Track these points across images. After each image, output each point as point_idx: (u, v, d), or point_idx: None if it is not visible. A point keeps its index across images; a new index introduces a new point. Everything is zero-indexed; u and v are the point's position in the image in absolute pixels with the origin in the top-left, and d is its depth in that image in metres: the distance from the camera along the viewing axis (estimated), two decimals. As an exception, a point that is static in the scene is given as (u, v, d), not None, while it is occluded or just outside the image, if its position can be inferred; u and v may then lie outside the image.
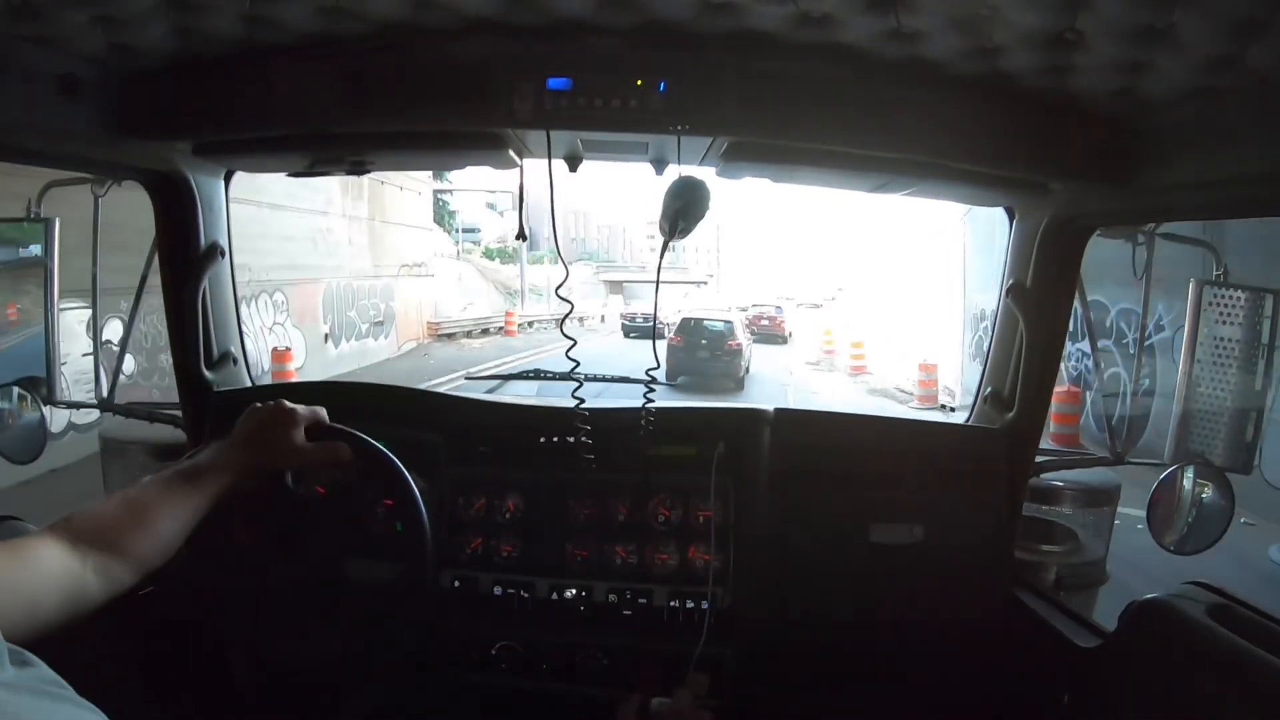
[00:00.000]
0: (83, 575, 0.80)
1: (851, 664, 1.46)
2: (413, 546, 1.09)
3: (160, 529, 0.89)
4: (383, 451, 1.10)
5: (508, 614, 1.38)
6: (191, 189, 1.47)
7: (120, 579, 0.85)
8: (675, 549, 1.40)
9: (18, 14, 0.94)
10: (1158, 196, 1.18)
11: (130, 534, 0.86)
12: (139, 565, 0.87)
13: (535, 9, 1.04)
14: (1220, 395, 1.23)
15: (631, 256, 60.74)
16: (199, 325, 1.55)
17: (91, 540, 0.83)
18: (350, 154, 1.31)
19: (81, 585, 0.80)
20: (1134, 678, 1.15)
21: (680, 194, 1.15)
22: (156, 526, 0.89)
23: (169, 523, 0.90)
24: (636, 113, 1.13)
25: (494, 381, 3.82)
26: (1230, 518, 1.28)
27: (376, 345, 14.90)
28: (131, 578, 0.87)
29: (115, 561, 0.84)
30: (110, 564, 0.83)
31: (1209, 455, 1.25)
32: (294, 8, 1.03)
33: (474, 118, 1.19)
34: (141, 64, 1.14)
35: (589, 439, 1.38)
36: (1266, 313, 1.21)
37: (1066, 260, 1.40)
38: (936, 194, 1.50)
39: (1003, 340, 1.52)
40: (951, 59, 1.06)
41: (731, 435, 1.41)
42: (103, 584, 0.82)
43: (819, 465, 1.45)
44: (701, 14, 1.02)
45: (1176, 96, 1.01)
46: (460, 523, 1.43)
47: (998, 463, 1.48)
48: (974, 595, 1.45)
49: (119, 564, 0.84)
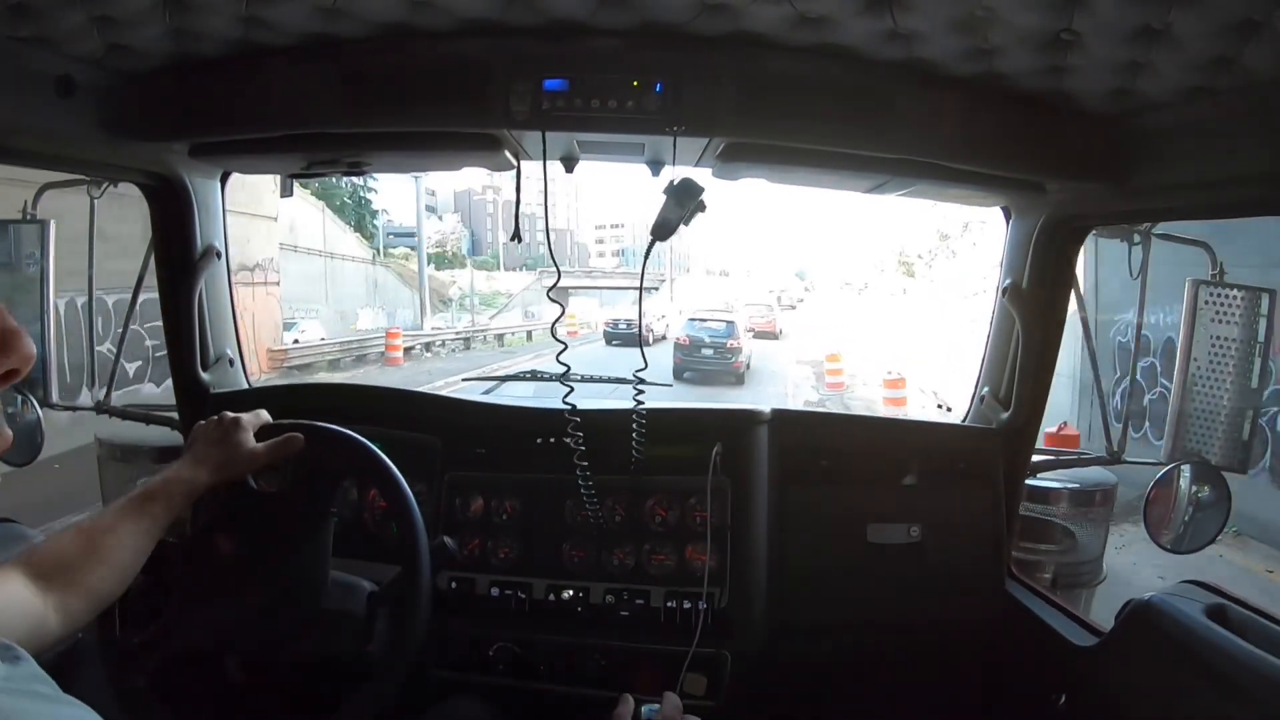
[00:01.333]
0: (44, 613, 0.80)
1: (849, 663, 1.46)
2: (408, 542, 1.09)
3: (117, 559, 0.89)
4: (340, 431, 1.11)
5: (505, 615, 1.38)
6: (188, 191, 1.47)
7: (78, 616, 0.85)
8: (672, 550, 1.40)
9: (14, 15, 0.94)
10: (1153, 196, 1.18)
11: (88, 570, 0.86)
12: (97, 601, 0.87)
13: (531, 10, 1.04)
14: (1217, 394, 1.24)
15: (580, 261, 59.00)
16: (195, 327, 1.54)
17: (51, 577, 0.82)
18: (346, 155, 1.30)
19: (43, 623, 0.80)
20: (1130, 677, 1.15)
21: (677, 195, 1.15)
22: (114, 557, 0.89)
23: (125, 553, 0.90)
24: (633, 114, 1.13)
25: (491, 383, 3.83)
26: (1227, 517, 1.29)
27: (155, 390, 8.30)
28: (89, 614, 0.87)
29: (74, 598, 0.84)
30: (69, 600, 0.83)
31: (1206, 454, 1.25)
32: (290, 9, 1.03)
33: (470, 119, 1.18)
34: (137, 65, 1.14)
35: (585, 441, 1.39)
36: (1263, 311, 1.21)
37: (1063, 260, 1.40)
38: (933, 194, 1.50)
39: (998, 340, 1.53)
40: (948, 59, 1.06)
41: (729, 436, 1.41)
42: (62, 621, 0.82)
43: (816, 465, 1.45)
44: (698, 15, 1.03)
45: (1172, 97, 1.01)
46: (458, 524, 1.43)
47: (994, 462, 1.48)
48: (971, 595, 1.45)
49: (78, 600, 0.84)
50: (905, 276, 21.11)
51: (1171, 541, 1.33)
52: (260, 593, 1.06)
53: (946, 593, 1.44)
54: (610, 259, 63.15)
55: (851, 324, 15.60)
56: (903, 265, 21.53)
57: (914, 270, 20.53)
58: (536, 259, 50.72)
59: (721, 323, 14.13)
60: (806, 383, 13.53)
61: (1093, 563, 1.82)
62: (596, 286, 41.12)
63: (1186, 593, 1.12)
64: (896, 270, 22.64)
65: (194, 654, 1.05)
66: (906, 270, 21.08)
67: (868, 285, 37.42)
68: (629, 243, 69.17)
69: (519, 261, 48.18)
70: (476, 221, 55.47)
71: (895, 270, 22.75)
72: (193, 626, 1.03)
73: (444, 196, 53.32)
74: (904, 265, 21.45)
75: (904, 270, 21.41)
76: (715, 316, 14.65)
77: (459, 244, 50.52)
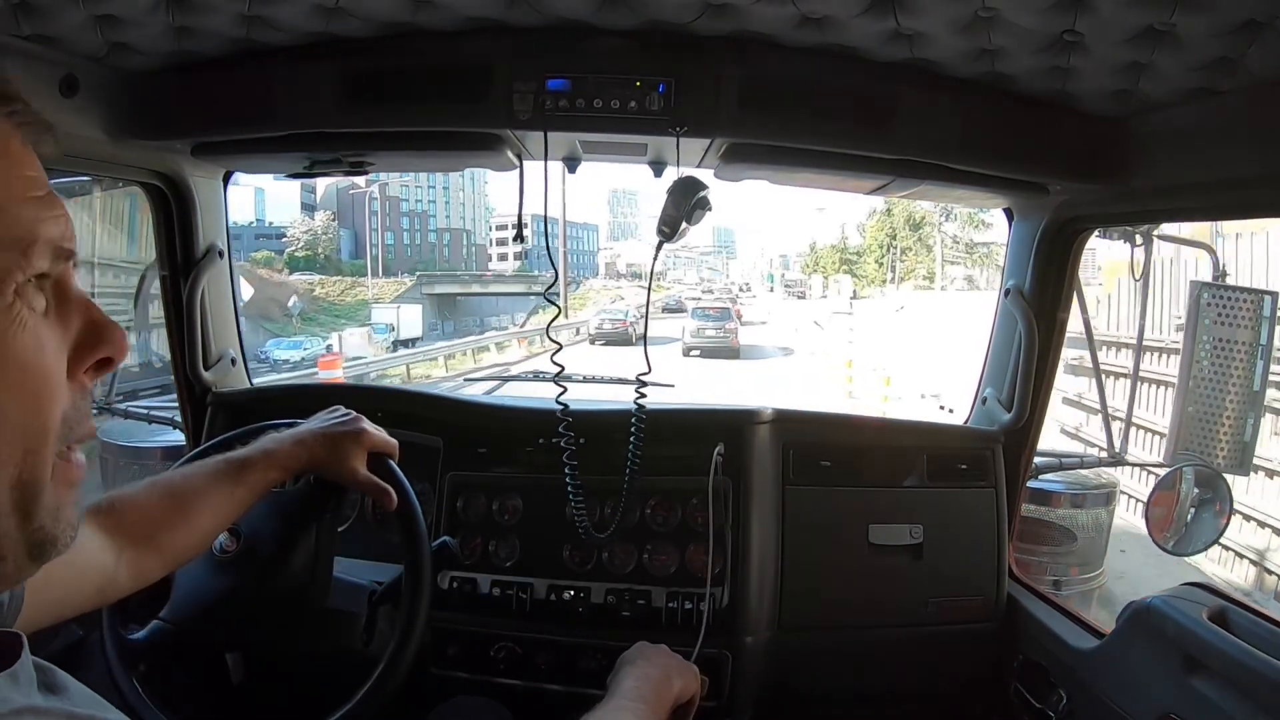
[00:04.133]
0: (115, 570, 0.79)
1: (849, 664, 1.46)
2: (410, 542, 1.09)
3: (201, 523, 0.87)
4: (415, 508, 1.07)
5: (506, 615, 1.38)
6: (190, 190, 1.47)
7: (152, 573, 0.84)
8: (674, 550, 1.40)
9: (17, 14, 0.94)
10: (1157, 198, 1.18)
11: (171, 529, 0.85)
12: (173, 560, 0.86)
13: (534, 9, 1.04)
14: (1219, 396, 1.24)
15: (479, 264, 54.64)
16: (197, 326, 1.54)
17: (130, 532, 0.81)
18: (349, 155, 1.31)
19: (115, 578, 0.79)
20: (1131, 679, 1.15)
21: (679, 194, 1.15)
22: (198, 520, 0.87)
23: (210, 517, 0.88)
24: (636, 114, 1.13)
25: (492, 383, 3.84)
26: (1229, 519, 1.28)
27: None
28: (162, 572, 0.85)
29: (151, 558, 0.83)
30: (145, 559, 0.82)
31: (1208, 456, 1.25)
32: (292, 8, 1.03)
33: (473, 118, 1.18)
34: (140, 64, 1.14)
35: (587, 442, 1.38)
36: (1265, 313, 1.21)
37: (1065, 261, 1.40)
38: (935, 195, 1.50)
39: (1001, 342, 1.52)
40: (951, 60, 1.06)
41: (730, 436, 1.41)
42: (134, 577, 0.81)
43: (817, 466, 1.45)
44: (701, 15, 1.03)
45: (1175, 98, 1.01)
46: (459, 524, 1.43)
47: (996, 464, 1.48)
48: (972, 596, 1.45)
49: (154, 560, 0.83)
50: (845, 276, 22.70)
51: (1173, 543, 1.33)
52: (261, 592, 1.06)
53: (947, 594, 1.44)
54: (512, 261, 56.63)
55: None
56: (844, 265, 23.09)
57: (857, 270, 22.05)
58: (428, 262, 47.72)
59: (722, 309, 19.18)
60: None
61: (1094, 564, 1.82)
62: (486, 294, 39.00)
63: (1187, 595, 1.12)
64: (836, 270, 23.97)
65: (195, 653, 1.05)
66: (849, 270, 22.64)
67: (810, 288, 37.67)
68: (532, 243, 63.30)
69: (410, 264, 43.93)
70: (358, 221, 48.37)
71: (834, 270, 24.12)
72: (194, 626, 1.03)
73: (325, 194, 47.19)
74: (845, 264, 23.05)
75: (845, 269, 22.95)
76: (718, 304, 20.00)
77: (331, 245, 44.59)
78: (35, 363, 0.45)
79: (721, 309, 19.02)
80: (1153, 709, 1.06)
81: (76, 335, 0.48)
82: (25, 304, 0.45)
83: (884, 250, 46.99)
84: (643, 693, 0.91)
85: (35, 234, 0.45)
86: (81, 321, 0.49)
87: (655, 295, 16.46)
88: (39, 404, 0.45)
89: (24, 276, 0.44)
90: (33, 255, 0.45)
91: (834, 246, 53.92)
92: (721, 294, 38.12)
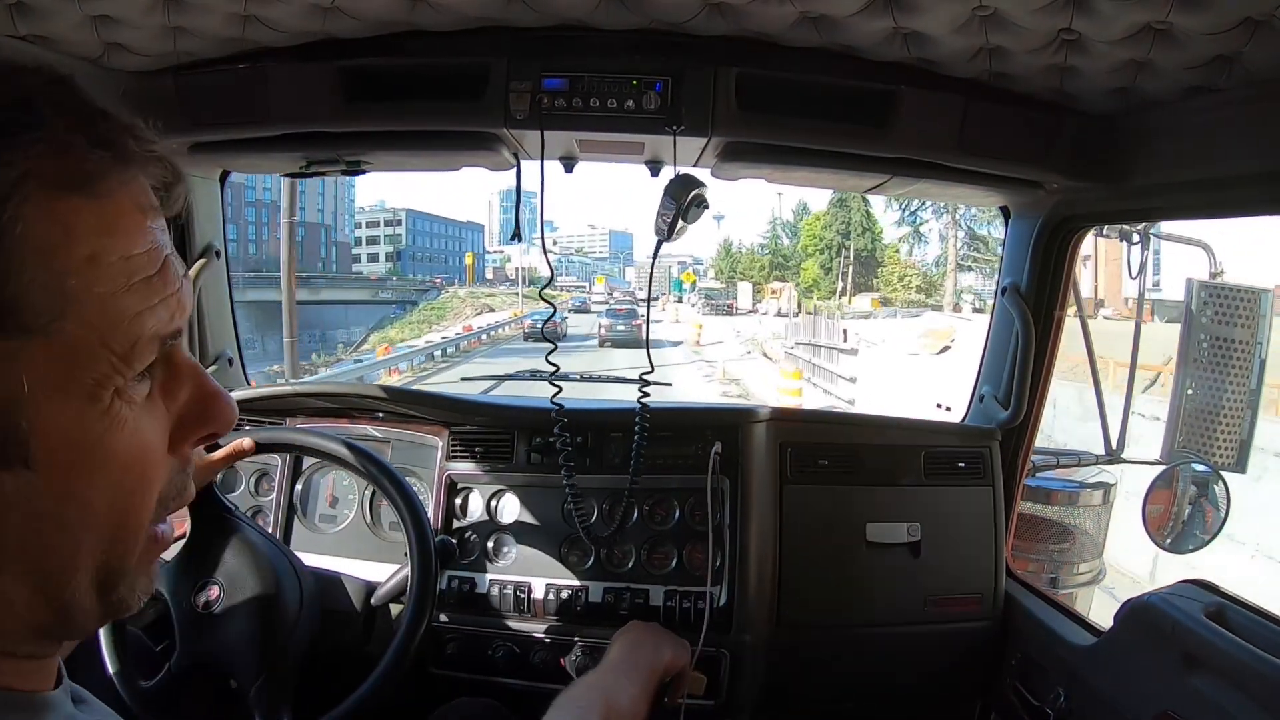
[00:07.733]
0: None
1: (848, 662, 1.47)
2: (411, 541, 1.11)
3: None
4: (418, 508, 1.15)
5: (505, 614, 1.38)
6: (186, 190, 1.46)
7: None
8: (672, 548, 1.40)
9: (13, 14, 0.94)
10: (1153, 196, 1.18)
11: None
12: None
13: (531, 9, 1.04)
14: (1215, 393, 1.24)
15: (341, 265, 49.77)
16: (195, 326, 1.54)
17: None
18: (345, 154, 1.30)
19: None
20: (1130, 676, 1.15)
21: (675, 192, 1.15)
22: None
23: None
24: (632, 113, 1.13)
25: (490, 381, 3.84)
26: (1226, 516, 1.29)
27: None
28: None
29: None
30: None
31: (1205, 453, 1.25)
32: (289, 8, 1.02)
33: (469, 117, 1.18)
34: (136, 65, 1.14)
35: (583, 440, 1.38)
36: (1262, 311, 1.22)
37: (1062, 259, 1.40)
38: (933, 194, 1.50)
39: (998, 340, 1.53)
40: (948, 59, 1.06)
41: (728, 435, 1.41)
42: None
43: (815, 464, 1.45)
44: (698, 14, 1.02)
45: (1172, 96, 1.01)
46: (457, 523, 1.44)
47: (994, 462, 1.48)
48: (970, 594, 1.45)
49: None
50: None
51: (1170, 541, 1.33)
52: (261, 590, 1.06)
53: (945, 591, 1.44)
54: (383, 263, 52.38)
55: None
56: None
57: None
58: (267, 261, 40.94)
59: (629, 309, 25.71)
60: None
61: (1092, 562, 1.83)
62: (343, 302, 35.94)
63: (1186, 592, 1.12)
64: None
65: (207, 688, 1.08)
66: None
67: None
68: (405, 244, 55.71)
69: (254, 264, 39.69)
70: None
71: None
72: (209, 673, 1.06)
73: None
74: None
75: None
76: (624, 305, 27.85)
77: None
78: (133, 456, 0.40)
79: (628, 309, 25.83)
80: (1151, 706, 1.06)
81: (182, 408, 0.44)
82: (125, 401, 0.40)
83: (833, 253, 42.99)
84: (634, 660, 0.95)
85: (139, 331, 0.39)
86: (189, 393, 0.44)
87: (561, 299, 17.55)
88: (132, 497, 0.41)
89: (124, 380, 0.39)
90: (133, 358, 0.39)
91: (750, 252, 51.46)
92: (624, 298, 47.15)
